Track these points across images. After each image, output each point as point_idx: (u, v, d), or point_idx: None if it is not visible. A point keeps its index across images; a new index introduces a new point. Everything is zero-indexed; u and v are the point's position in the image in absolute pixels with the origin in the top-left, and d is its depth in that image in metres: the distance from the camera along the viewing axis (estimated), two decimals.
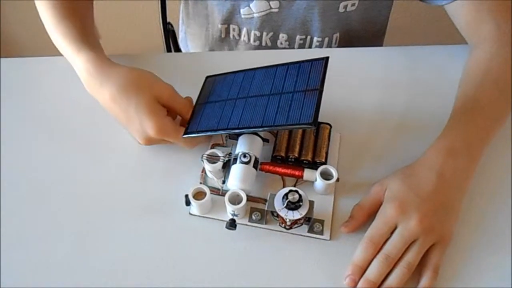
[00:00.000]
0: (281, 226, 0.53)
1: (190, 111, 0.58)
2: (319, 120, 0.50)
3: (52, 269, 0.52)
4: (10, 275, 0.52)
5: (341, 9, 0.75)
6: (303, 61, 0.55)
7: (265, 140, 0.57)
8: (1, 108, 0.65)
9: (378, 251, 0.50)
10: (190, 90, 0.62)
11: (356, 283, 0.49)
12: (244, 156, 0.54)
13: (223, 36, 0.83)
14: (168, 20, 0.99)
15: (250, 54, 0.79)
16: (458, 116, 0.58)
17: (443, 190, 0.52)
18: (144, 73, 0.58)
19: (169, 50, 1.02)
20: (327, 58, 0.53)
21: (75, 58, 0.60)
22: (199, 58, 0.74)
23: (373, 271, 0.49)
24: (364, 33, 0.82)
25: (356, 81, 0.68)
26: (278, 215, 0.51)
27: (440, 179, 0.52)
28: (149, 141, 0.57)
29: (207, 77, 0.63)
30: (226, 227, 0.52)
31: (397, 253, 0.49)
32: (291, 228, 0.53)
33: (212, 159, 0.55)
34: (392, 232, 0.51)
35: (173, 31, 0.99)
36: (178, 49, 1.01)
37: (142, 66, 0.71)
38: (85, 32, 0.62)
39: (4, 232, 0.55)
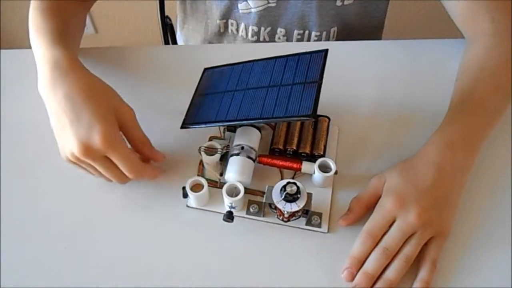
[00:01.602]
0: (279, 219, 0.53)
1: (146, 147, 0.54)
2: (318, 113, 0.49)
3: (52, 268, 0.52)
4: (10, 275, 0.51)
5: (338, 3, 0.76)
6: (302, 53, 0.54)
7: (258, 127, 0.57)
8: (1, 98, 0.66)
9: (376, 244, 0.50)
10: (188, 82, 0.61)
11: (354, 276, 0.49)
12: (242, 149, 0.54)
13: (221, 31, 0.83)
14: (166, 13, 0.98)
15: (248, 47, 0.78)
16: (455, 110, 0.58)
17: (441, 184, 0.52)
18: (111, 88, 0.54)
19: (167, 43, 1.02)
20: (327, 50, 0.53)
21: (41, 51, 0.56)
22: (197, 51, 0.74)
23: (371, 264, 0.49)
24: (362, 27, 0.82)
25: (354, 75, 0.68)
26: (276, 208, 0.51)
27: (439, 173, 0.52)
28: (84, 152, 0.49)
29: (205, 69, 0.63)
30: (224, 220, 0.52)
31: (396, 246, 0.49)
32: (289, 220, 0.53)
33: (210, 151, 0.55)
34: (390, 226, 0.51)
35: (171, 25, 0.98)
36: (176, 42, 1.01)
37: (140, 58, 0.71)
38: (63, 32, 0.59)
39: (4, 232, 0.54)
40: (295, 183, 0.50)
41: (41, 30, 0.58)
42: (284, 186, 0.50)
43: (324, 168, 0.54)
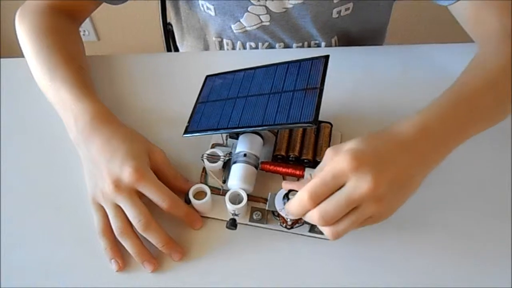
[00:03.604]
0: (282, 226, 0.53)
1: (181, 182, 0.55)
2: (320, 119, 0.49)
3: (52, 268, 0.52)
4: (10, 275, 0.52)
5: (334, 15, 0.74)
6: (303, 60, 0.54)
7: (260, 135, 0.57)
8: (1, 107, 0.66)
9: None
10: (191, 89, 0.61)
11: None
12: (245, 156, 0.54)
13: (217, 48, 0.83)
14: (168, 20, 0.99)
15: (250, 53, 0.79)
16: (443, 99, 0.52)
17: (405, 168, 0.45)
18: (143, 136, 0.57)
19: (169, 50, 1.02)
20: (328, 56, 0.53)
21: (69, 103, 0.57)
22: (199, 58, 0.74)
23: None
24: (363, 34, 0.81)
25: (356, 80, 0.68)
26: (279, 215, 0.51)
27: (406, 156, 0.45)
28: (115, 187, 0.50)
29: (207, 76, 0.63)
30: (227, 227, 0.52)
31: (335, 217, 0.43)
32: (292, 227, 0.53)
33: (213, 158, 0.55)
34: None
35: (173, 31, 0.99)
36: (178, 49, 1.01)
37: (142, 66, 0.71)
38: (82, 77, 0.60)
39: (4, 232, 0.54)
40: (297, 191, 0.50)
41: (60, 79, 0.59)
42: (287, 194, 0.50)
43: None
